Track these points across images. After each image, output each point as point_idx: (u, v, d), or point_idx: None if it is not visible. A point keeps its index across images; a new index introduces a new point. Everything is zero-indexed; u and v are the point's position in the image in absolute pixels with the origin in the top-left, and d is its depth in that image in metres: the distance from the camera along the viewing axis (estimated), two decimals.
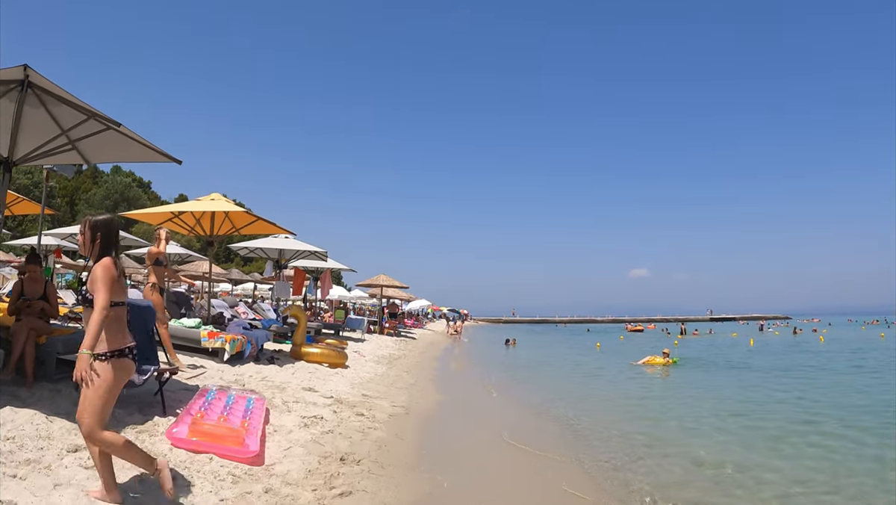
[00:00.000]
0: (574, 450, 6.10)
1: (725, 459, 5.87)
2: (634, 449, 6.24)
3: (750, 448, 6.46)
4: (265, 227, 10.58)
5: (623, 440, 6.67)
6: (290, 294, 14.72)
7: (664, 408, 9.11)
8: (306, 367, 9.26)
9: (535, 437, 6.66)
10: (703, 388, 11.79)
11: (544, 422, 7.63)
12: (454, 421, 7.33)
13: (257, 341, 9.71)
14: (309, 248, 13.04)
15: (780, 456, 6.17)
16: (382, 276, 24.41)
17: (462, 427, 7.15)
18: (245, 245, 13.75)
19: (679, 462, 5.77)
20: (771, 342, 32.17)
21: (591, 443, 6.58)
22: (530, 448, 6.06)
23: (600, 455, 5.91)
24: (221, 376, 7.39)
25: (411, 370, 12.02)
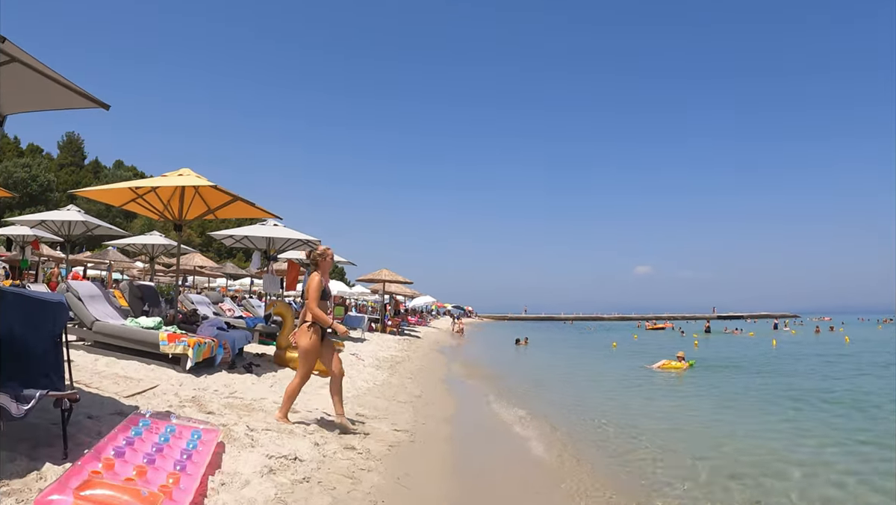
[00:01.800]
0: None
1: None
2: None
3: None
4: (246, 210, 9.01)
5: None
6: (280, 289, 13.16)
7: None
8: (291, 376, 7.65)
9: (591, 481, 5.08)
10: (724, 418, 8.57)
11: (588, 459, 6.05)
12: (475, 452, 5.76)
13: (233, 345, 8.17)
14: (301, 237, 11.49)
15: None
16: (385, 270, 22.89)
17: (488, 462, 5.59)
18: (230, 234, 12.20)
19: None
20: (793, 343, 30.50)
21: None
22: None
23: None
24: (177, 392, 5.84)
25: (416, 376, 10.46)
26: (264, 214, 8.90)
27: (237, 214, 9.46)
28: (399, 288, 28.12)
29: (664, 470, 5.45)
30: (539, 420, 7.46)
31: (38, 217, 14.45)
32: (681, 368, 15.46)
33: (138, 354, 7.24)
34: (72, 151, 59.44)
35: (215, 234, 12.22)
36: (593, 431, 7.16)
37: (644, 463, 5.72)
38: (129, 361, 7.06)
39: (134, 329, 7.27)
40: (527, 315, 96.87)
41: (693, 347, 25.42)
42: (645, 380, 13.20)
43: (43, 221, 14.65)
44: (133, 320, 7.58)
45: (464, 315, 62.53)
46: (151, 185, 7.80)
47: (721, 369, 15.82)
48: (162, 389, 5.95)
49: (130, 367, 6.83)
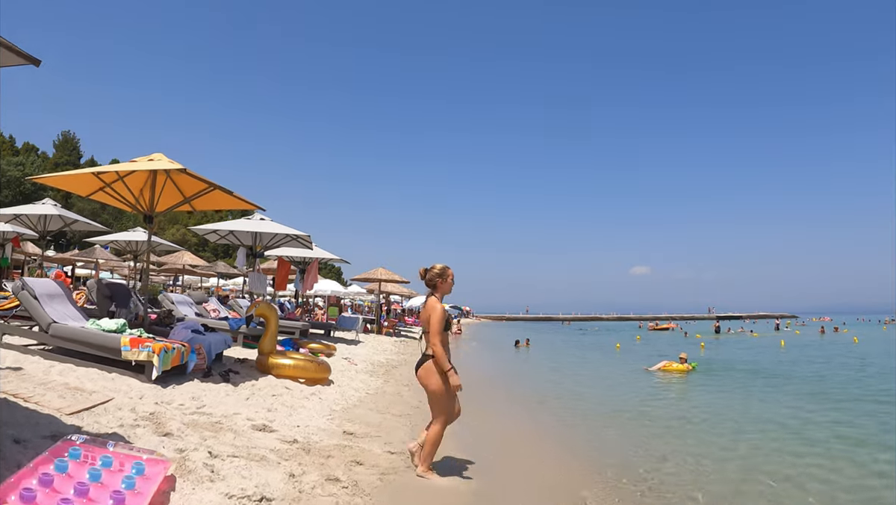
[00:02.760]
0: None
1: None
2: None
3: None
4: (225, 201, 8.18)
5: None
6: (267, 288, 12.31)
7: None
8: (273, 385, 6.86)
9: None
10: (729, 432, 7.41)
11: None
12: (483, 477, 4.93)
13: (209, 349, 7.33)
14: (289, 232, 10.64)
15: None
16: (381, 269, 22.05)
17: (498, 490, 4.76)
18: (213, 228, 11.34)
19: None
20: (800, 343, 29.75)
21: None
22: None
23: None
24: (134, 407, 4.99)
25: (412, 383, 9.59)
26: (245, 205, 8.05)
27: (217, 206, 8.62)
28: (395, 288, 27.27)
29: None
30: (557, 442, 6.64)
31: (10, 211, 13.57)
32: (682, 370, 14.68)
33: (100, 361, 6.40)
34: (67, 150, 58.72)
35: (197, 228, 11.38)
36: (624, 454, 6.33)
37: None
38: (89, 369, 6.21)
39: (93, 332, 6.42)
40: (524, 316, 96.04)
41: (699, 349, 24.64)
42: (653, 384, 12.39)
43: (17, 216, 13.77)
44: (94, 322, 6.72)
45: (462, 315, 61.71)
46: (116, 170, 6.95)
47: (725, 374, 15.00)
48: (117, 403, 5.11)
49: (87, 376, 5.97)
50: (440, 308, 4.10)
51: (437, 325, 4.04)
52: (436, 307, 4.11)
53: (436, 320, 4.06)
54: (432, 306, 4.14)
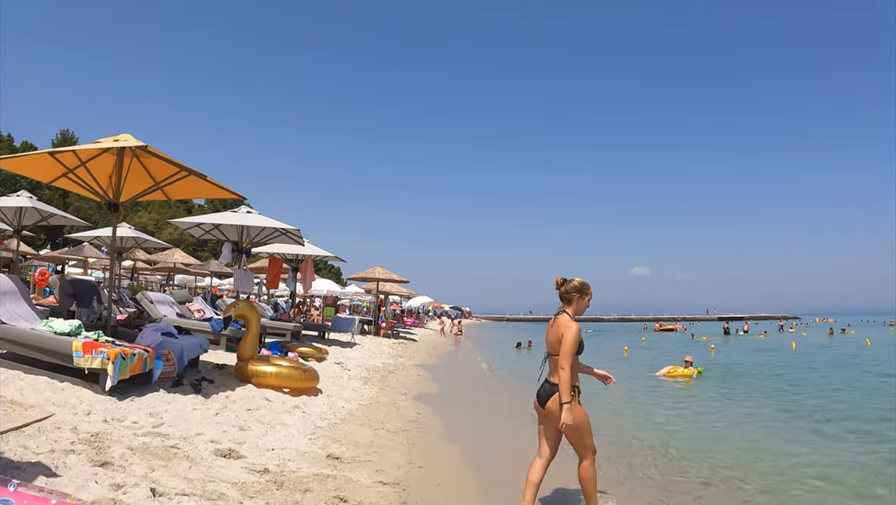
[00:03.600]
0: None
1: None
2: None
3: None
4: (202, 189, 7.36)
5: None
6: (254, 287, 11.47)
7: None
8: (250, 396, 6.03)
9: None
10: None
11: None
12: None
13: (180, 355, 6.50)
14: (277, 226, 9.81)
15: None
16: (379, 268, 21.23)
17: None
18: (196, 221, 10.50)
19: None
20: (811, 345, 28.89)
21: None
22: None
23: None
24: (77, 426, 4.17)
25: (411, 391, 8.78)
26: (223, 193, 7.22)
27: (193, 193, 7.82)
28: (394, 287, 26.44)
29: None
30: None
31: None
32: (688, 375, 13.85)
33: (53, 369, 5.57)
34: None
35: (177, 221, 10.55)
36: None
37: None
38: (38, 378, 5.39)
39: (43, 335, 5.58)
40: (525, 317, 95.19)
41: (709, 351, 23.80)
42: (662, 394, 11.54)
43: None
44: (46, 324, 5.89)
45: (461, 316, 60.90)
46: (73, 149, 6.12)
47: (734, 379, 14.14)
48: (57, 420, 4.28)
49: (34, 386, 5.15)
50: (574, 328, 3.44)
51: (569, 347, 3.37)
52: (569, 326, 3.44)
53: (568, 341, 3.38)
54: (565, 325, 3.46)
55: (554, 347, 3.48)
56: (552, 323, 3.60)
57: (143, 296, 10.59)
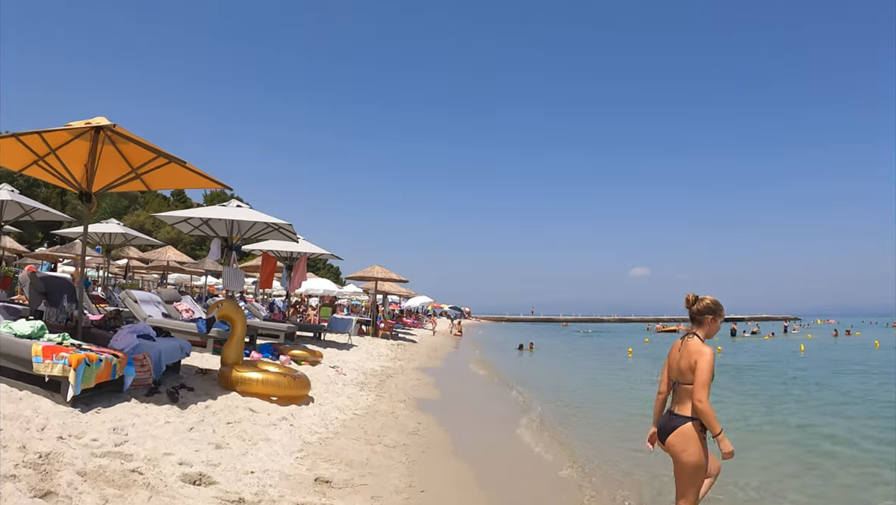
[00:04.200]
0: None
1: None
2: None
3: None
4: (185, 178, 6.76)
5: None
6: (243, 285, 10.89)
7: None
8: (233, 406, 5.43)
9: None
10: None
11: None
12: None
13: (158, 359, 5.91)
14: (269, 220, 9.21)
15: None
16: (377, 267, 20.64)
17: None
18: (183, 215, 9.89)
19: None
20: (819, 347, 28.32)
21: None
22: None
23: None
24: (26, 444, 3.61)
25: (410, 397, 8.18)
26: (206, 183, 6.63)
27: (175, 184, 7.22)
28: (393, 287, 25.84)
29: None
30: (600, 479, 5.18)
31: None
32: None
33: (16, 376, 5.00)
34: None
35: (163, 215, 9.95)
36: None
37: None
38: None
39: (2, 337, 5.00)
40: (524, 317, 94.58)
41: (716, 352, 23.23)
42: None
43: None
44: (7, 325, 5.30)
45: (461, 316, 60.31)
46: (38, 130, 5.52)
47: (746, 383, 13.57)
48: (5, 436, 3.70)
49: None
50: (709, 353, 3.00)
51: (706, 375, 2.94)
52: (703, 352, 3.01)
53: (705, 370, 2.95)
54: (698, 350, 3.04)
55: (685, 375, 3.06)
56: (679, 347, 3.18)
57: (127, 295, 9.99)
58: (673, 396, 3.17)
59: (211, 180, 6.70)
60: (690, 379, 2.99)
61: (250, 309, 15.08)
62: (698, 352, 3.01)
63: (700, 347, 3.03)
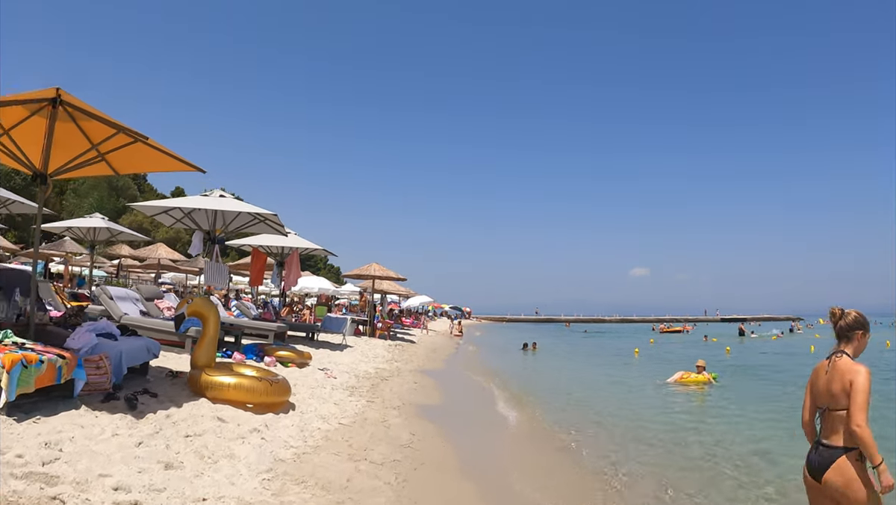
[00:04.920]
0: None
1: None
2: None
3: None
4: (155, 160, 6.10)
5: None
6: (227, 281, 10.24)
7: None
8: (199, 415, 4.75)
9: None
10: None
11: None
12: None
13: (118, 361, 5.25)
14: (252, 210, 8.54)
15: None
16: (375, 264, 19.96)
17: None
18: (163, 206, 9.21)
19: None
20: (826, 347, 27.57)
21: None
22: None
23: None
24: None
25: (405, 402, 7.48)
26: (178, 165, 5.96)
27: (144, 166, 6.58)
28: (392, 286, 25.16)
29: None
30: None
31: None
32: (702, 382, 12.60)
33: None
34: None
35: (138, 205, 9.28)
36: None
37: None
38: None
39: None
40: (525, 317, 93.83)
41: (724, 353, 22.58)
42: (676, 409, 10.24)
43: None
44: None
45: (462, 316, 59.61)
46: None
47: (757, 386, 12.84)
48: None
49: None
50: (865, 373, 2.66)
51: (862, 396, 2.60)
52: (858, 370, 2.67)
53: (860, 389, 2.61)
54: (850, 369, 2.70)
55: (837, 400, 2.69)
56: (827, 368, 2.81)
57: (102, 291, 9.31)
58: (822, 425, 2.79)
59: (182, 162, 6.03)
60: (844, 404, 2.63)
61: (240, 308, 14.41)
62: (852, 371, 2.67)
63: (853, 365, 2.71)
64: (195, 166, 6.12)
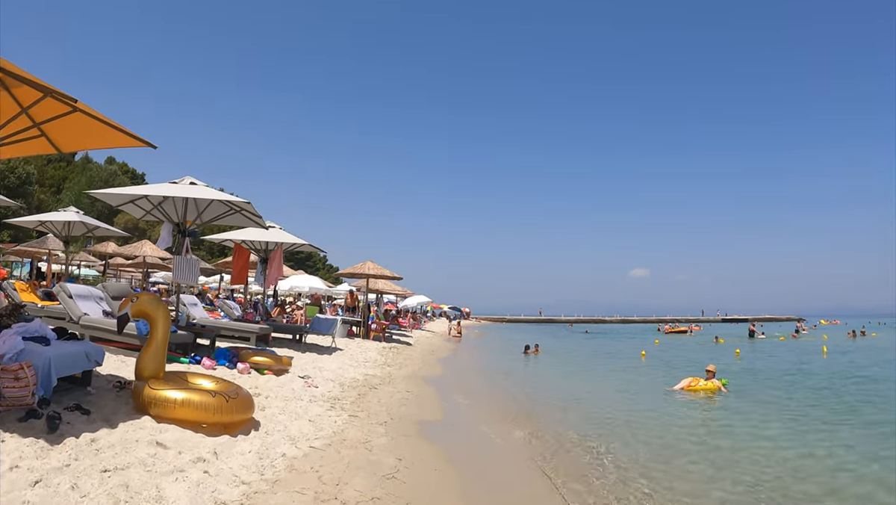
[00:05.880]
0: None
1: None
2: None
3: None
4: (97, 135, 5.20)
5: None
6: (198, 278, 9.31)
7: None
8: (133, 440, 3.84)
9: None
10: None
11: None
12: None
13: (46, 370, 4.35)
14: (222, 198, 7.64)
15: None
16: (370, 263, 19.06)
17: None
18: (127, 193, 8.30)
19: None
20: (840, 350, 26.69)
21: None
22: None
23: None
24: None
25: (395, 419, 6.54)
26: (126, 140, 5.07)
27: (90, 142, 5.65)
28: (388, 285, 24.24)
29: None
30: None
31: None
32: (712, 389, 11.70)
33: None
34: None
35: (99, 193, 8.34)
36: None
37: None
38: None
39: None
40: (525, 318, 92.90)
41: (734, 355, 21.67)
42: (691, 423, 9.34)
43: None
44: None
45: (460, 316, 58.65)
46: None
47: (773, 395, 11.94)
48: None
49: None
50: None
51: None
52: None
53: None
54: None
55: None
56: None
57: (61, 288, 8.41)
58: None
59: (130, 136, 5.13)
60: None
61: (223, 308, 13.49)
62: None
63: None
64: (144, 140, 5.22)
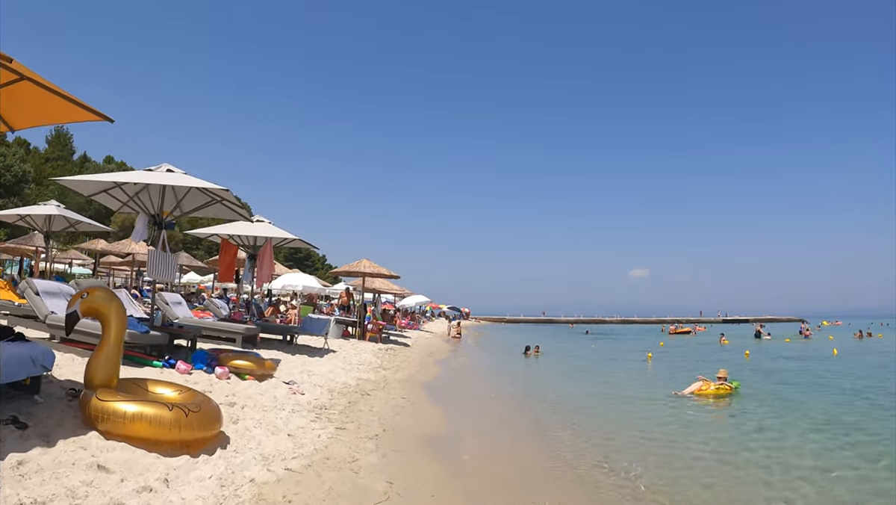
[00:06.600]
0: None
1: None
2: None
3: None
4: (51, 108, 4.57)
5: None
6: (175, 273, 8.66)
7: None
8: (72, 461, 3.18)
9: None
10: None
11: None
12: None
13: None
14: (199, 185, 6.98)
15: None
16: (365, 261, 18.42)
17: None
18: (97, 180, 7.66)
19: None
20: (850, 351, 26.08)
21: None
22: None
23: None
24: None
25: (387, 430, 5.86)
26: (82, 114, 4.43)
27: (45, 117, 5.00)
28: (385, 284, 23.60)
29: None
30: None
31: None
32: (724, 392, 11.11)
33: None
34: (60, 146, 57.00)
35: (66, 179, 7.69)
36: None
37: None
38: None
39: None
40: (525, 318, 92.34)
41: (743, 357, 21.07)
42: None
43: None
44: None
45: (460, 316, 58.01)
46: None
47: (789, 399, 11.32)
48: None
49: None
50: None
51: None
52: None
53: None
54: None
55: None
56: None
57: (28, 284, 7.77)
58: None
59: (86, 108, 4.49)
60: None
61: (209, 307, 12.85)
62: None
63: None
64: (101, 114, 4.58)
